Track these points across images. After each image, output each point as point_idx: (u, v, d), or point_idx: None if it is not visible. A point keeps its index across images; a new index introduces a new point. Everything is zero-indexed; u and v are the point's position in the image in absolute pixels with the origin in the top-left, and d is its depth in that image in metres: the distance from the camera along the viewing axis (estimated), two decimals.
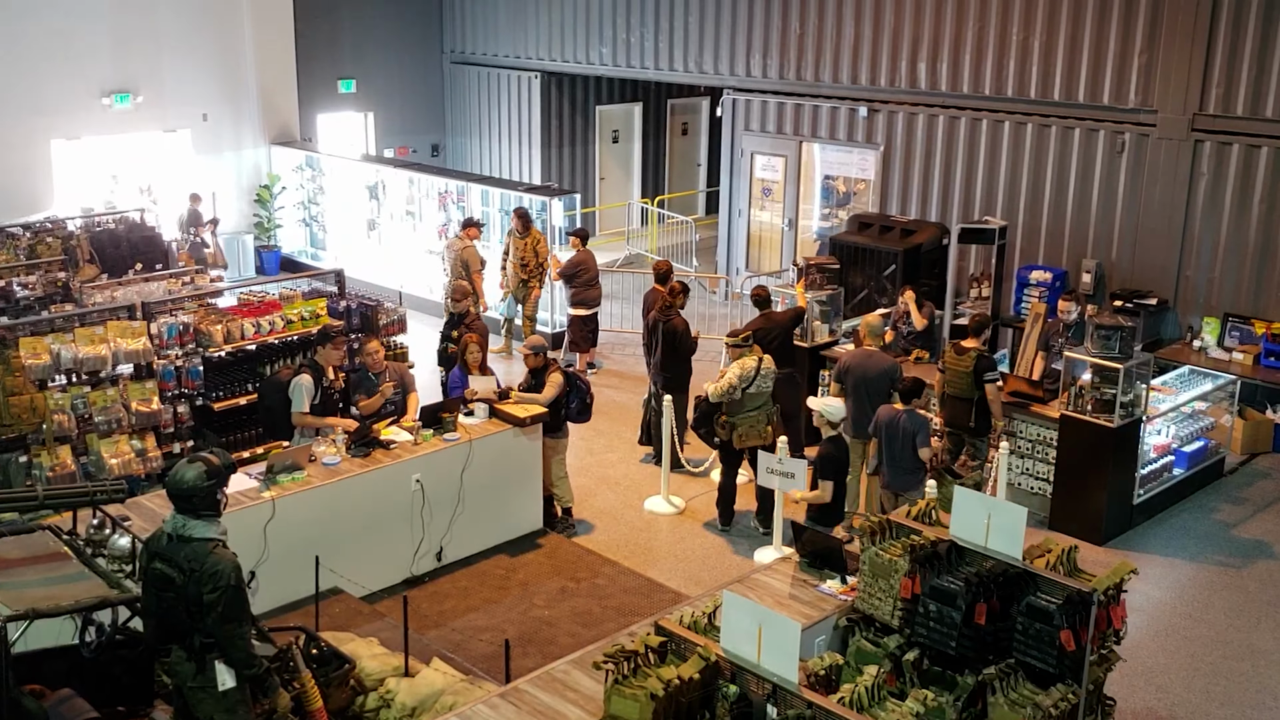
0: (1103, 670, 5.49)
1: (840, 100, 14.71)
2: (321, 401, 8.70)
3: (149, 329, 9.42)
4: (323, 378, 8.73)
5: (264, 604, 7.14)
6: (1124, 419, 9.07)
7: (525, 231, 13.19)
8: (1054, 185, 12.91)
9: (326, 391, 8.76)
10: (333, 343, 8.90)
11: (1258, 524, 9.74)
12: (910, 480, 8.40)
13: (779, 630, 4.82)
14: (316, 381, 8.67)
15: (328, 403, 8.78)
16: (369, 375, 9.01)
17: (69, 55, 15.03)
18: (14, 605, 5.05)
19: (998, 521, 5.48)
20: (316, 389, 8.66)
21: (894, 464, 8.43)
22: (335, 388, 8.85)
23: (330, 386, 8.80)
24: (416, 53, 19.45)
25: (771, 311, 10.49)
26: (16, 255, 12.29)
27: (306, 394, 8.62)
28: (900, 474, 8.41)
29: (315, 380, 8.67)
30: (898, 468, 8.42)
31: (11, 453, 8.79)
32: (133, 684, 5.57)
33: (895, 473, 8.44)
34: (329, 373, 8.81)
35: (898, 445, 8.37)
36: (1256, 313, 11.57)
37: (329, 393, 8.78)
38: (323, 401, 8.71)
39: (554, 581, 8.58)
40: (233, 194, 17.00)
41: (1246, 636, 8.04)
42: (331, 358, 8.86)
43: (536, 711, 5.29)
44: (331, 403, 8.83)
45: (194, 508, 5.13)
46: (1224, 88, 11.53)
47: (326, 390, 8.76)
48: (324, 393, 8.73)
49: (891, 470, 8.46)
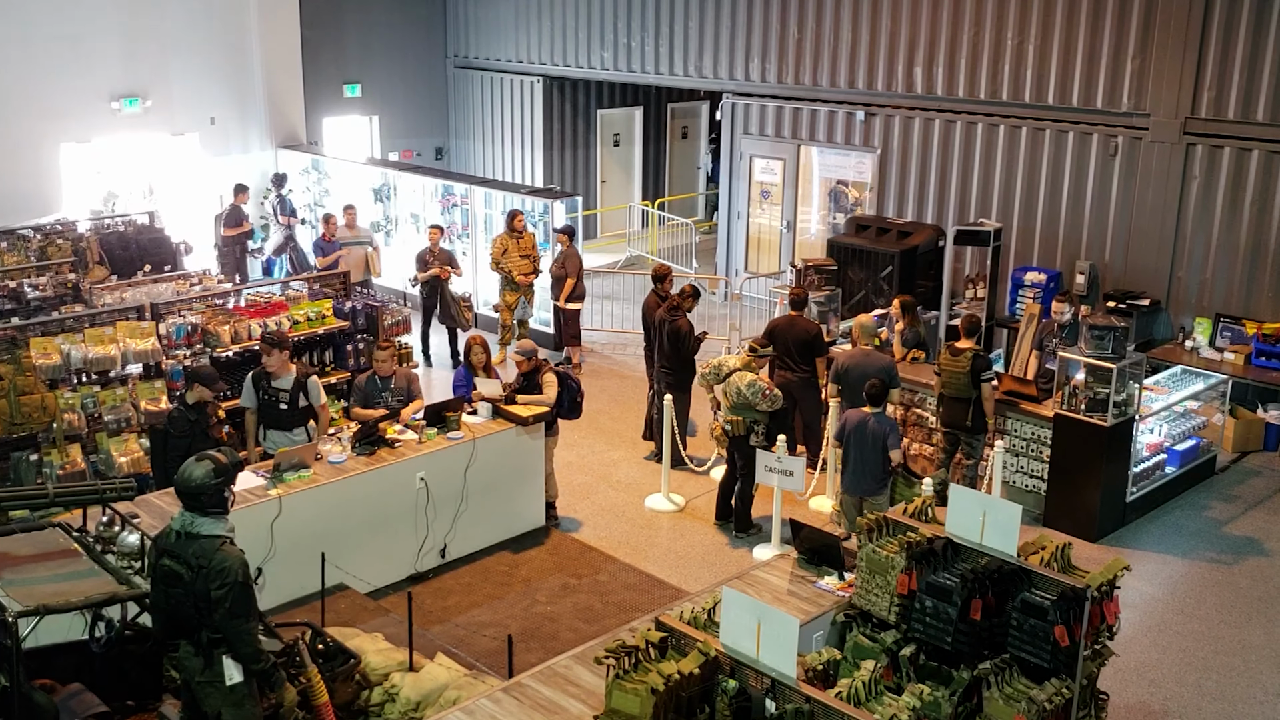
0: (1096, 665, 5.50)
1: (838, 104, 14.80)
2: (263, 407, 8.63)
3: (158, 329, 9.50)
4: (262, 382, 8.58)
5: (270, 600, 7.20)
6: (1117, 418, 9.14)
7: (523, 232, 13.32)
8: (1048, 188, 13.00)
9: (265, 399, 8.59)
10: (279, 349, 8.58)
11: (1249, 521, 9.82)
12: (877, 485, 8.43)
13: (778, 626, 4.83)
14: (257, 385, 8.60)
15: (271, 410, 8.63)
16: (376, 380, 9.08)
17: (79, 60, 15.12)
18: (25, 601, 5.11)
19: (993, 519, 5.49)
20: (258, 393, 8.60)
21: (863, 468, 8.42)
22: (280, 398, 8.59)
23: (272, 394, 8.57)
24: (421, 57, 19.55)
25: (799, 316, 10.32)
26: (27, 257, 12.36)
27: (247, 394, 8.66)
28: (867, 478, 8.43)
29: (255, 383, 8.61)
30: (867, 472, 8.42)
31: (22, 451, 8.86)
32: (141, 679, 5.60)
33: (863, 477, 8.44)
34: (281, 380, 8.60)
35: (868, 448, 8.36)
36: (1248, 313, 11.67)
37: (268, 400, 8.59)
38: (263, 408, 8.63)
39: (556, 578, 8.67)
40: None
41: (1238, 632, 8.11)
42: (276, 365, 8.59)
43: (539, 706, 5.33)
44: (277, 411, 8.62)
45: (202, 505, 5.18)
46: (1215, 92, 11.63)
47: (266, 398, 8.58)
48: (263, 399, 8.60)
49: (860, 475, 8.45)
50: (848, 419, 8.54)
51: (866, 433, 8.36)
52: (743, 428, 9.10)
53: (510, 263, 13.27)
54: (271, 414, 8.68)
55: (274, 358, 8.58)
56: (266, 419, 8.73)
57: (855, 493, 8.55)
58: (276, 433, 8.77)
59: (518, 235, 13.30)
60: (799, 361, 10.12)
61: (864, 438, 8.37)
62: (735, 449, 9.28)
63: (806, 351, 10.12)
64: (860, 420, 8.43)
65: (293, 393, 8.66)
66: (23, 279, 11.60)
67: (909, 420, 10.55)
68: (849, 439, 8.48)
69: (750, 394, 8.89)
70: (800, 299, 10.41)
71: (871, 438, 8.34)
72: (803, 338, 10.13)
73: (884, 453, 8.34)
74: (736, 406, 9.07)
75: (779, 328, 10.30)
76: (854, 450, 8.46)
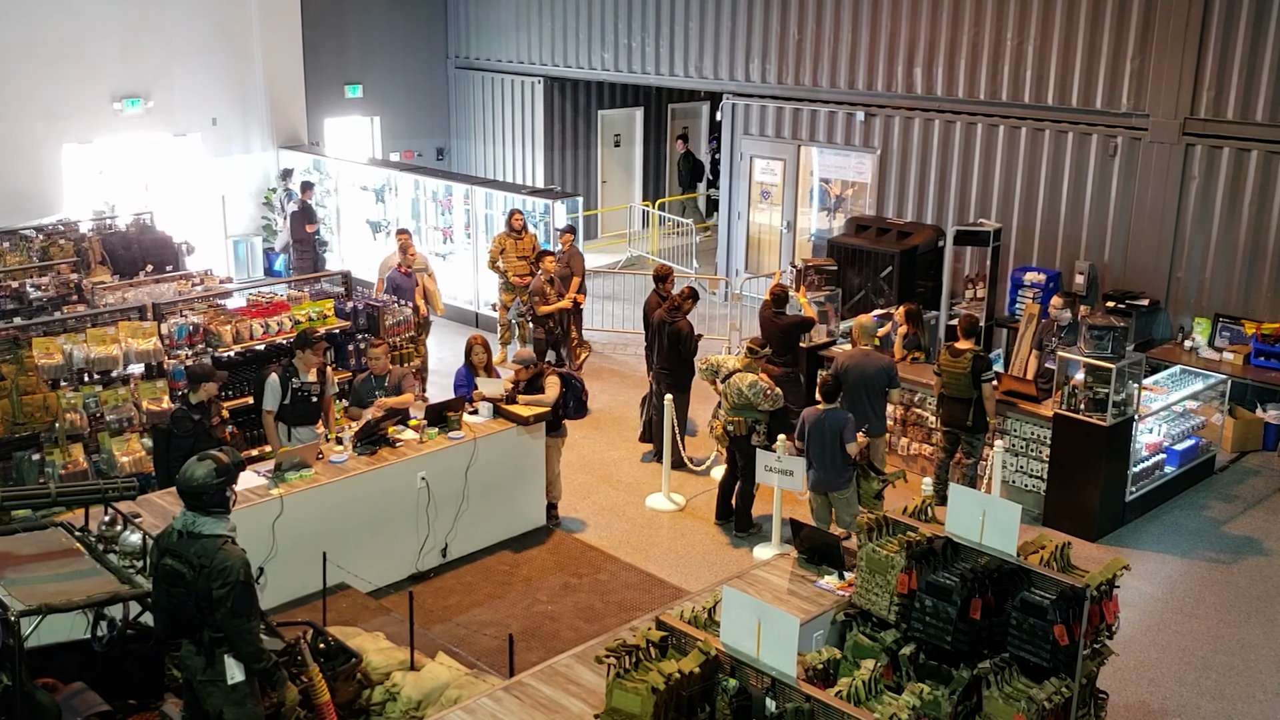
0: (1095, 664, 5.51)
1: (838, 105, 14.82)
2: (293, 403, 8.76)
3: (159, 329, 9.55)
4: (292, 380, 8.75)
5: (272, 599, 7.24)
6: (1116, 418, 9.17)
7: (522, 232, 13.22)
8: (1048, 188, 13.02)
9: (298, 394, 8.76)
10: (312, 348, 8.87)
11: (1248, 521, 9.85)
12: (840, 480, 8.51)
13: (778, 625, 4.84)
14: (285, 383, 8.71)
15: (302, 405, 8.80)
16: (371, 380, 9.10)
17: (81, 61, 15.17)
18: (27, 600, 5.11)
19: (993, 518, 5.51)
20: (286, 390, 8.71)
21: (824, 464, 8.51)
22: (312, 391, 8.84)
23: (304, 389, 8.78)
24: (422, 58, 19.59)
25: (782, 313, 10.56)
26: (30, 257, 12.41)
27: (273, 393, 8.71)
28: (830, 473, 8.51)
29: (284, 381, 8.72)
30: (828, 467, 8.50)
31: (25, 451, 8.89)
32: (143, 678, 5.61)
33: (826, 472, 8.52)
34: (310, 375, 8.83)
35: (826, 443, 8.45)
36: (1246, 313, 11.69)
37: (300, 395, 8.78)
38: (294, 404, 8.76)
39: (557, 577, 8.69)
40: (242, 197, 17.11)
41: (1237, 631, 8.14)
42: (310, 362, 8.85)
43: (540, 705, 5.35)
44: (308, 406, 8.83)
45: (204, 505, 5.18)
46: (1215, 92, 11.65)
47: (298, 393, 8.76)
48: (295, 395, 8.75)
49: (822, 470, 8.53)
50: (805, 417, 8.64)
51: (824, 429, 8.46)
52: (744, 428, 9.14)
53: (507, 263, 13.18)
54: (302, 410, 8.82)
55: (308, 357, 8.79)
56: (295, 416, 8.81)
57: (820, 489, 8.64)
58: (303, 429, 8.87)
59: (517, 235, 13.21)
60: (778, 354, 10.17)
61: (821, 434, 8.48)
62: (736, 448, 9.31)
63: (783, 345, 10.18)
64: (816, 417, 8.53)
65: (320, 385, 8.91)
66: (25, 279, 11.64)
67: (909, 420, 10.59)
68: (808, 437, 8.57)
69: (752, 394, 8.94)
70: (781, 295, 10.51)
71: (829, 433, 8.45)
72: (779, 332, 10.30)
73: (841, 447, 8.43)
74: (738, 407, 9.11)
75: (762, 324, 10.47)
76: (813, 447, 8.56)
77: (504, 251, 13.22)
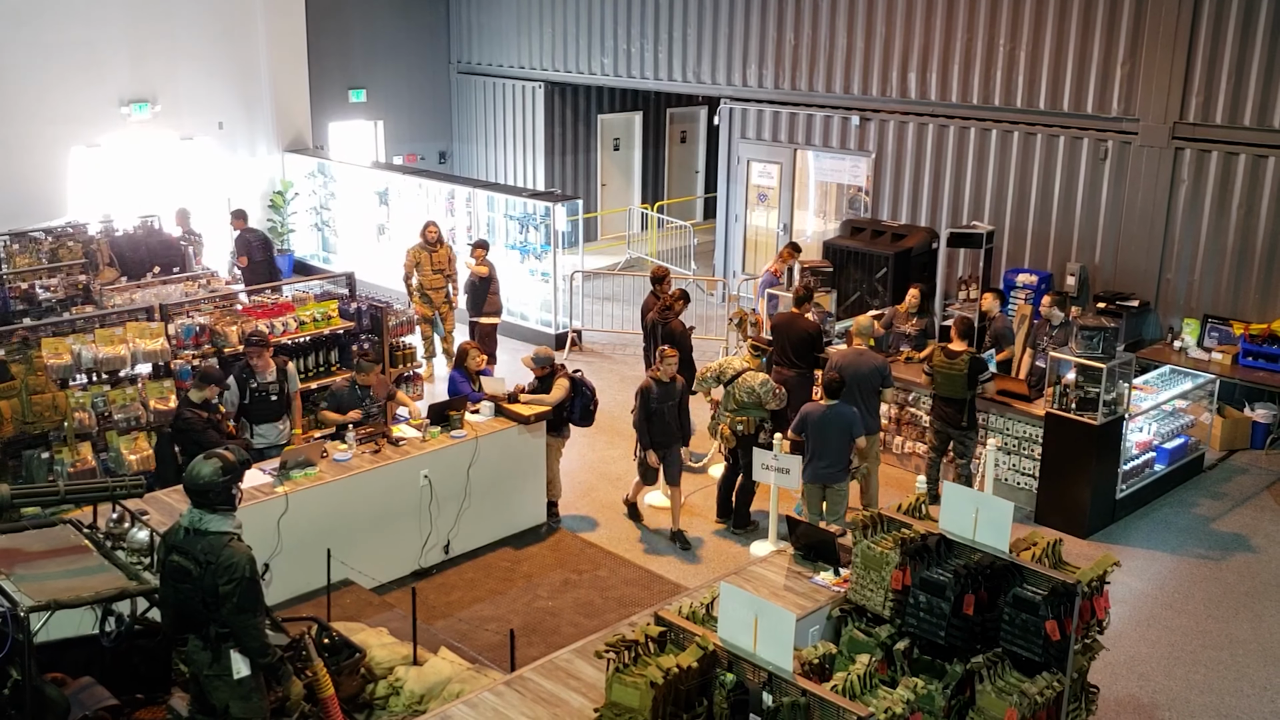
0: (1087, 659, 5.60)
1: (834, 109, 14.93)
2: (252, 403, 8.98)
3: (166, 330, 9.63)
4: (250, 381, 8.95)
5: (277, 595, 7.29)
6: (1107, 417, 9.26)
7: (437, 245, 12.67)
8: (1039, 191, 13.13)
9: (256, 394, 8.99)
10: (253, 349, 9.04)
11: (1236, 518, 9.95)
12: (840, 473, 8.72)
13: (774, 620, 4.88)
14: (244, 384, 8.93)
15: (262, 404, 9.02)
16: (357, 389, 9.16)
17: (89, 65, 15.27)
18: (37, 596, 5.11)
19: (985, 516, 5.57)
20: (244, 391, 8.93)
21: (828, 457, 8.69)
22: (271, 390, 9.03)
23: (262, 389, 9.00)
24: (425, 63, 19.69)
25: (799, 315, 10.40)
26: (39, 259, 12.47)
27: (230, 394, 8.94)
28: (832, 466, 8.70)
29: (241, 383, 8.92)
30: (832, 460, 8.69)
31: (34, 449, 8.95)
32: (151, 673, 5.63)
33: (828, 465, 8.70)
34: (268, 374, 9.02)
35: (830, 438, 8.63)
36: (1235, 314, 11.80)
37: (259, 395, 9.00)
38: (253, 403, 8.99)
39: (557, 574, 8.78)
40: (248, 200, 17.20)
41: (1225, 626, 8.22)
42: (260, 364, 9.03)
43: (540, 699, 5.40)
44: (268, 404, 9.04)
45: (210, 502, 5.20)
46: (1203, 97, 11.76)
47: (256, 393, 8.98)
48: (253, 395, 8.98)
49: (825, 463, 8.71)
50: (807, 413, 8.78)
51: (830, 424, 8.63)
52: (753, 426, 9.26)
53: (422, 276, 12.57)
54: (262, 408, 9.02)
55: (264, 358, 9.02)
56: (256, 414, 9.02)
57: (818, 481, 8.79)
58: (266, 425, 9.06)
59: (432, 248, 12.58)
60: (796, 359, 10.27)
61: (827, 429, 8.63)
62: (742, 447, 9.40)
63: (805, 349, 10.27)
64: (820, 413, 8.68)
65: (279, 383, 9.11)
66: (34, 280, 11.73)
67: (903, 419, 10.69)
68: (808, 432, 8.72)
69: (763, 393, 9.07)
70: (803, 296, 10.50)
71: (833, 429, 8.61)
72: (802, 336, 10.28)
73: (850, 441, 8.64)
74: (746, 406, 9.19)
75: (779, 325, 10.45)
76: (814, 441, 8.70)
77: (419, 265, 12.58)
